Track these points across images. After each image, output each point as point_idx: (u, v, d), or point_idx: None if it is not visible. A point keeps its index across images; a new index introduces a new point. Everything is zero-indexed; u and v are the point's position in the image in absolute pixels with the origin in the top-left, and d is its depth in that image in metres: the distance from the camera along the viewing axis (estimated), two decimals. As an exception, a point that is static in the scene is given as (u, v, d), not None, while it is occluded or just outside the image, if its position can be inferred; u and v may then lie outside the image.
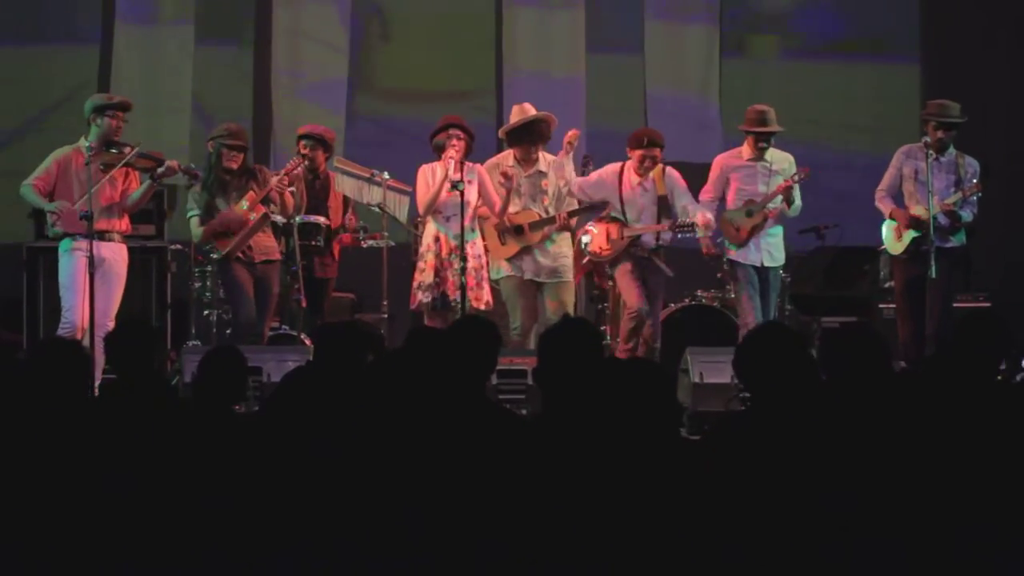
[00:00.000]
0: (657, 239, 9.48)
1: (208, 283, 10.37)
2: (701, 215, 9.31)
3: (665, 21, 12.93)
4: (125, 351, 5.49)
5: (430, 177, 9.35)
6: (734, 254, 9.60)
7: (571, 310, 9.46)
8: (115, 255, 8.84)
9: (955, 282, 9.60)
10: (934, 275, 9.10)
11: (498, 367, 8.24)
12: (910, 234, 9.35)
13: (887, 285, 11.20)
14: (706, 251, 9.75)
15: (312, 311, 9.58)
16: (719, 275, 10.79)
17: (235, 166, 9.25)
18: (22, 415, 4.84)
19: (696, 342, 9.37)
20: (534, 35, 12.81)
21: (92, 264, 8.61)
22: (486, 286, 9.37)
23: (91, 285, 8.61)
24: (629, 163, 9.52)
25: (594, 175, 9.67)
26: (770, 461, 4.07)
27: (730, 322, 10.14)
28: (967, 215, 9.40)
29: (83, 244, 8.69)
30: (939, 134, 9.38)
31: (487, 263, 9.45)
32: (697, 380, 8.71)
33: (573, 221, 9.57)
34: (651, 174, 9.47)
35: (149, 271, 10.05)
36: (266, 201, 9.22)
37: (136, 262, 9.55)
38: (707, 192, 9.63)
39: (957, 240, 9.44)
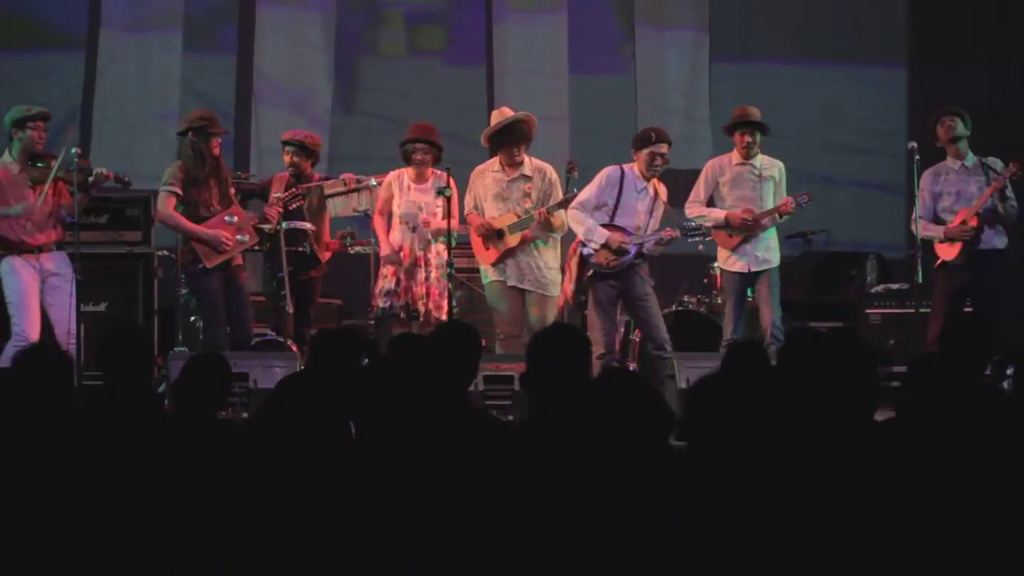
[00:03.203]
0: (641, 249, 9.24)
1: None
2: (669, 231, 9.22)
3: (654, 27, 12.93)
4: (119, 357, 5.48)
5: (394, 184, 9.56)
6: (720, 261, 9.61)
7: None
8: (59, 266, 8.81)
9: (999, 288, 9.54)
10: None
11: (485, 372, 8.37)
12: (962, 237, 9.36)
13: (874, 290, 11.20)
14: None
15: (299, 317, 9.58)
16: (704, 280, 10.79)
17: (217, 151, 9.18)
18: (5, 422, 4.82)
19: (683, 348, 9.37)
20: (520, 42, 12.81)
21: (77, 272, 8.64)
22: (447, 297, 9.34)
23: (76, 301, 8.65)
24: (631, 167, 9.31)
25: (593, 187, 9.28)
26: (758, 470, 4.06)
27: (716, 328, 10.14)
28: (1012, 199, 9.40)
29: (19, 261, 8.72)
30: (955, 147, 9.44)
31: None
32: (684, 386, 8.70)
33: (555, 219, 9.31)
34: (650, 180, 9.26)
35: (135, 277, 10.01)
36: (260, 224, 9.28)
37: (123, 268, 9.52)
38: (692, 200, 9.53)
39: (1000, 243, 9.45)
